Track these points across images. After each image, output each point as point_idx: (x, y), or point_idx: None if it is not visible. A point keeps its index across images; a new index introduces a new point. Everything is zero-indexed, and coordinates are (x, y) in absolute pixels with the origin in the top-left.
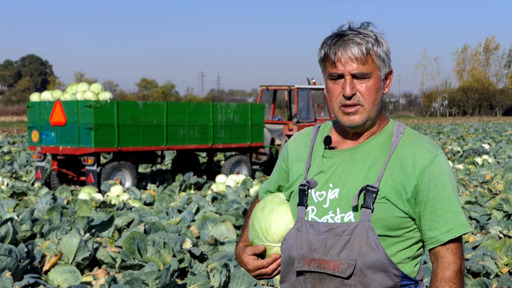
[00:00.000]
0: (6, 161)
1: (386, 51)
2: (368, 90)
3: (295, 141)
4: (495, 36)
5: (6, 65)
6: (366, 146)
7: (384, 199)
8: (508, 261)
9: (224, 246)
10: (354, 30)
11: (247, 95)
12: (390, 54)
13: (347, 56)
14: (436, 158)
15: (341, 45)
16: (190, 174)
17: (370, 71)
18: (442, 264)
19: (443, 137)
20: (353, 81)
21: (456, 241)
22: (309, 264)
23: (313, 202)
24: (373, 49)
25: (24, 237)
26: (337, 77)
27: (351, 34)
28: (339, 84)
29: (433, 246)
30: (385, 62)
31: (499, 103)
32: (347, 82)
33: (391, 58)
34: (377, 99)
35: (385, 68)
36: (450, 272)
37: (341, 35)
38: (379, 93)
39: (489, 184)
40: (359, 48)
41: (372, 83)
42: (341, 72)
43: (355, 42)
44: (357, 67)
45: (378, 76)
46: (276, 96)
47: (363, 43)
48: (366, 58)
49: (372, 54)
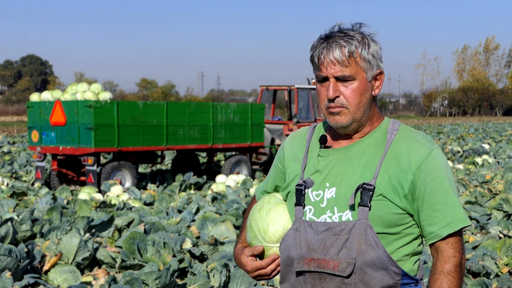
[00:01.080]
0: (6, 161)
1: (374, 53)
2: (352, 93)
3: (291, 141)
4: (495, 36)
5: (6, 65)
6: (361, 144)
7: (381, 196)
8: (508, 261)
9: (224, 246)
10: (342, 32)
11: (247, 95)
12: (380, 55)
13: (329, 59)
14: (432, 153)
15: (325, 47)
16: (190, 174)
17: (353, 74)
18: (441, 257)
19: (443, 137)
20: (337, 83)
21: (456, 235)
22: (308, 264)
23: (310, 202)
24: (357, 51)
25: (24, 237)
26: (322, 79)
27: (337, 37)
28: (324, 87)
29: (433, 241)
30: (372, 63)
31: (499, 103)
32: (330, 85)
33: (381, 59)
34: (362, 101)
35: (372, 69)
36: (449, 265)
37: (328, 37)
38: (364, 95)
39: (489, 184)
40: (341, 51)
41: (357, 85)
42: (325, 75)
43: (338, 45)
44: (340, 69)
45: (363, 78)
46: (276, 96)
47: (346, 45)
48: (349, 60)
49: (356, 56)
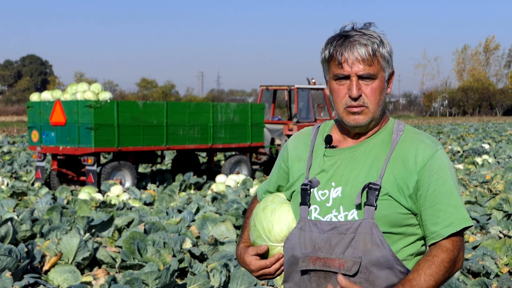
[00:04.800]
0: (6, 161)
1: (390, 52)
2: (374, 92)
3: (295, 141)
4: (495, 36)
5: (6, 65)
6: (367, 144)
7: (387, 195)
8: (508, 261)
9: (224, 246)
10: (358, 31)
11: (247, 95)
12: (393, 55)
13: (354, 57)
14: (437, 153)
15: (347, 46)
16: (190, 174)
17: (376, 72)
18: (440, 247)
19: (443, 137)
20: (359, 82)
21: (457, 235)
22: (314, 263)
23: (316, 201)
24: (379, 50)
25: (24, 237)
26: (343, 78)
27: (356, 35)
28: (344, 85)
29: (435, 241)
30: (389, 63)
31: (499, 103)
32: (353, 83)
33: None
34: (381, 100)
35: (389, 69)
36: (445, 255)
37: (346, 36)
38: (383, 94)
39: (489, 184)
40: (366, 49)
41: (377, 84)
42: (347, 73)
43: (361, 44)
44: (364, 68)
45: (382, 77)
46: (276, 96)
47: (369, 44)
48: (373, 59)
49: (378, 55)
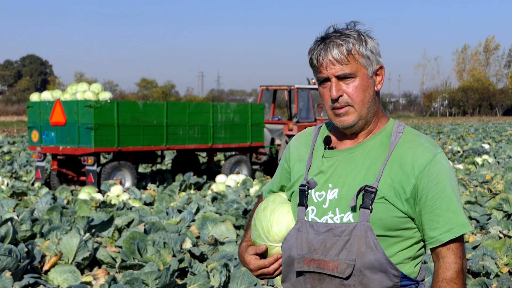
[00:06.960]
0: (6, 161)
1: (371, 48)
2: (355, 90)
3: (296, 141)
4: (495, 36)
5: (6, 65)
6: (365, 145)
7: (383, 199)
8: (508, 261)
9: (224, 246)
10: (338, 32)
11: (247, 95)
12: (378, 50)
13: (328, 59)
14: (436, 158)
15: (322, 49)
16: (190, 174)
17: (354, 71)
18: (443, 264)
19: (443, 137)
20: (339, 83)
21: (457, 241)
22: (308, 265)
23: (313, 203)
24: (355, 48)
25: (24, 237)
26: (323, 80)
27: (333, 37)
28: (327, 88)
29: (434, 246)
30: (371, 59)
31: (499, 103)
32: (332, 85)
33: (380, 54)
34: (366, 97)
35: (372, 65)
36: (451, 272)
37: (324, 39)
38: (368, 91)
39: (489, 184)
40: (339, 50)
41: (359, 82)
42: (325, 76)
43: (335, 44)
44: (340, 68)
45: (364, 74)
46: (276, 96)
47: (344, 44)
48: (348, 58)
49: (354, 54)
